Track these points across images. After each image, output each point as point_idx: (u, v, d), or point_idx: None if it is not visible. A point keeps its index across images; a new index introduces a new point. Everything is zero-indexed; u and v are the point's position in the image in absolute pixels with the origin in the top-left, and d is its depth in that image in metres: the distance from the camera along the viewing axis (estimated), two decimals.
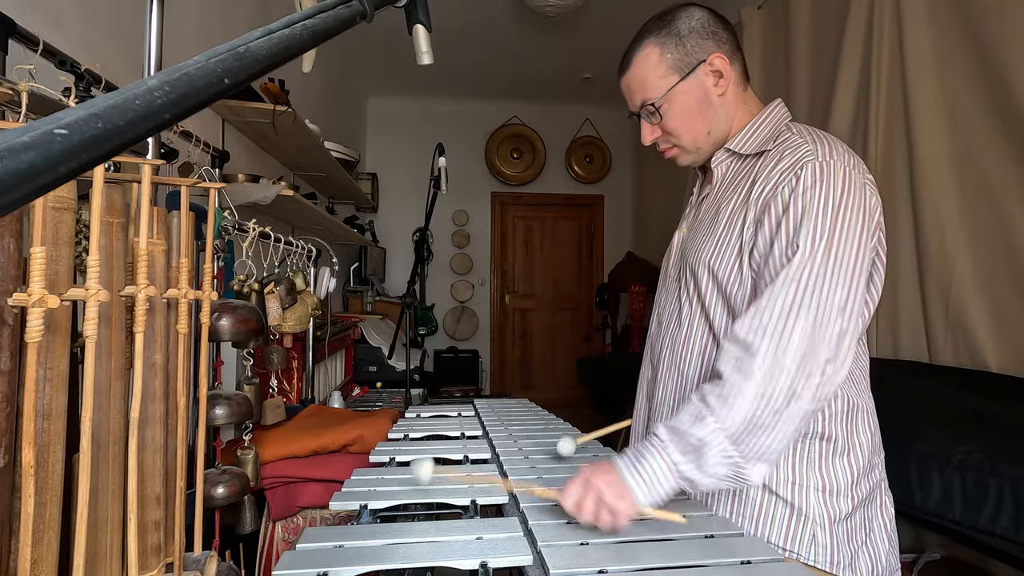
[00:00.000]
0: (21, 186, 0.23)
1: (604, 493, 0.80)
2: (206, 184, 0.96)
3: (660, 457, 0.81)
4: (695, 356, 1.01)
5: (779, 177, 0.89)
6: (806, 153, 0.88)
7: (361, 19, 0.47)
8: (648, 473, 0.81)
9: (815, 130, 0.96)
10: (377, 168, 5.47)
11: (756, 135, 1.00)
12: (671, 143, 1.04)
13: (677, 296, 1.06)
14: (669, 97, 0.98)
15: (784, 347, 0.78)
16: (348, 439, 1.69)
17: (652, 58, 0.99)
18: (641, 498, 0.80)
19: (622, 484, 0.81)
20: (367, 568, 0.69)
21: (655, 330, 1.13)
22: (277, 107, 2.04)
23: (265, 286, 1.58)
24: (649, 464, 0.81)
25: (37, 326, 0.59)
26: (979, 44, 2.15)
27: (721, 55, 0.98)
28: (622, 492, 0.80)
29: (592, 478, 0.82)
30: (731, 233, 0.95)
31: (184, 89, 0.31)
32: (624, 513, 0.80)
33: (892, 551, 0.96)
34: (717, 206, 1.01)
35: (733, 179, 1.01)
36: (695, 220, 1.08)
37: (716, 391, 0.81)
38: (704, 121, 1.00)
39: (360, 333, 3.44)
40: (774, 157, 0.93)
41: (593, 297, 5.92)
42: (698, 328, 1.00)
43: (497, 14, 4.06)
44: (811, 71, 3.03)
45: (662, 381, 1.07)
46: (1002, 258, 2.06)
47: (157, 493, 0.89)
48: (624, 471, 0.82)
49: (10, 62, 0.94)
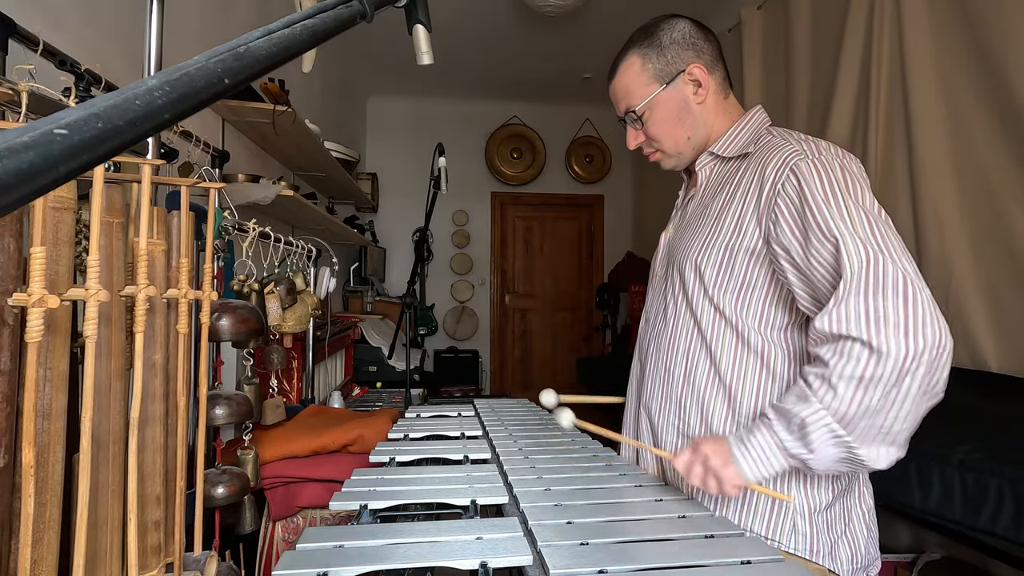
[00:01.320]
0: (21, 186, 0.23)
1: (711, 459, 0.85)
2: (206, 184, 0.96)
3: (767, 434, 0.84)
4: (680, 354, 1.04)
5: (775, 176, 0.91)
6: (793, 152, 0.91)
7: (361, 19, 0.47)
8: (754, 448, 0.84)
9: (794, 132, 0.99)
10: (377, 168, 5.47)
11: (737, 139, 1.04)
12: (654, 147, 1.10)
13: (663, 295, 1.10)
14: (651, 104, 1.05)
15: (872, 329, 0.76)
16: (348, 439, 1.69)
17: (635, 67, 1.05)
18: (746, 470, 0.84)
19: (728, 454, 0.85)
20: (367, 568, 0.69)
21: (643, 328, 1.17)
22: (277, 107, 2.04)
23: (265, 286, 1.58)
24: (756, 440, 0.84)
25: (37, 326, 0.59)
26: (979, 44, 2.15)
27: (700, 65, 1.03)
28: (727, 460, 0.85)
29: (701, 445, 0.88)
30: (718, 232, 0.98)
31: (184, 89, 0.31)
32: (728, 480, 0.84)
33: (871, 540, 0.98)
34: (703, 207, 1.05)
35: (717, 181, 1.05)
36: (681, 221, 1.12)
37: (818, 372, 0.81)
38: (684, 127, 1.06)
39: (360, 333, 3.44)
40: (759, 158, 0.96)
41: (593, 297, 5.92)
42: (683, 326, 1.04)
43: (497, 14, 4.06)
44: (811, 71, 3.03)
45: (649, 378, 1.10)
46: (1002, 258, 2.06)
47: (157, 493, 0.89)
48: (733, 445, 0.86)
49: (10, 62, 0.94)
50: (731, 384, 0.97)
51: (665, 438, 1.06)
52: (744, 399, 0.96)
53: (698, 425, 1.01)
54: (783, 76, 3.22)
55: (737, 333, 0.97)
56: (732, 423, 0.97)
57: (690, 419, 1.02)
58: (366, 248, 4.63)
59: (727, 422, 0.98)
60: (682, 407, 1.03)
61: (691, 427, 1.01)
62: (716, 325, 0.99)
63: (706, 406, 1.00)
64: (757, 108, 1.08)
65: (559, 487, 1.00)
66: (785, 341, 0.95)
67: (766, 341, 0.96)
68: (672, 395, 1.05)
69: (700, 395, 1.01)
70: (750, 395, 0.96)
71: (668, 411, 1.05)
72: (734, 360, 0.98)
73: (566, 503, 0.92)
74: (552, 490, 0.98)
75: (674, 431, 1.04)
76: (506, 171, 5.88)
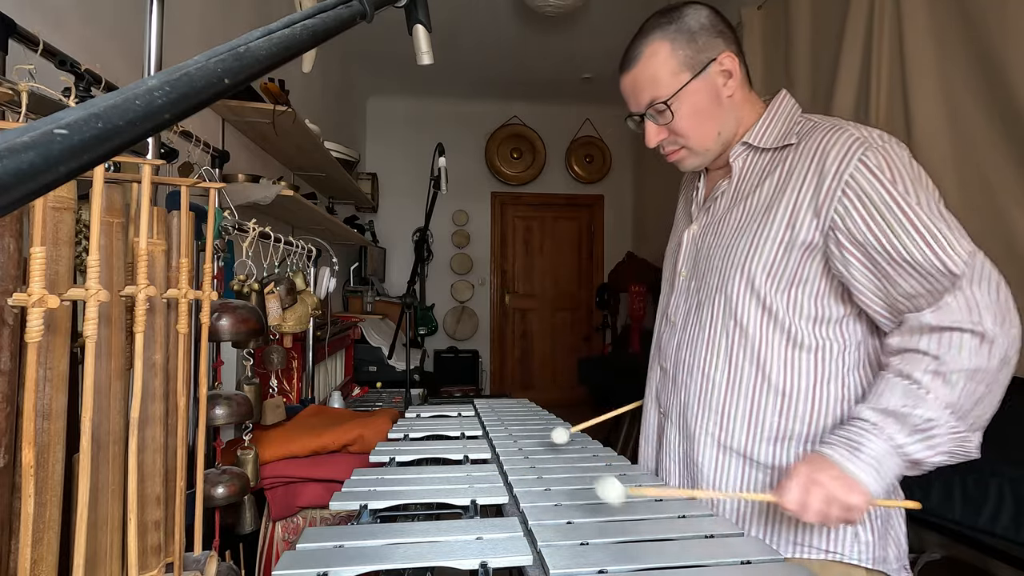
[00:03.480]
0: (21, 186, 0.23)
1: (834, 489, 0.77)
2: (206, 184, 0.96)
3: (879, 440, 0.78)
4: (721, 359, 0.96)
5: (840, 166, 0.85)
6: (855, 140, 0.86)
7: (361, 19, 0.47)
8: (873, 458, 0.78)
9: (834, 118, 0.94)
10: (377, 168, 5.47)
11: (772, 128, 0.98)
12: (678, 144, 1.00)
13: (694, 296, 1.03)
14: (680, 96, 0.94)
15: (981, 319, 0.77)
16: (348, 439, 1.69)
17: (662, 54, 0.95)
18: (873, 486, 0.77)
19: (849, 476, 0.77)
20: (367, 568, 0.69)
21: (666, 331, 1.09)
22: (277, 107, 2.04)
23: (265, 286, 1.58)
24: (870, 448, 0.78)
25: (37, 326, 0.59)
26: (979, 44, 2.15)
27: (731, 54, 0.96)
28: (851, 484, 0.77)
29: (815, 475, 0.78)
30: (767, 228, 0.92)
31: (184, 89, 0.31)
32: (859, 507, 0.77)
33: (905, 532, 0.96)
34: (741, 202, 0.98)
35: (756, 174, 0.98)
36: (711, 218, 1.03)
37: (926, 366, 0.78)
38: (714, 122, 0.97)
39: (360, 333, 3.44)
40: (810, 147, 0.90)
41: (593, 297, 5.92)
42: (723, 330, 0.97)
43: (497, 14, 4.06)
44: (811, 71, 3.03)
45: (681, 386, 1.02)
46: (1002, 258, 2.04)
47: (157, 493, 0.89)
48: (844, 462, 0.78)
49: (10, 62, 0.94)
50: (784, 388, 0.92)
51: (702, 451, 0.98)
52: (799, 404, 0.91)
53: (743, 435, 0.94)
54: (783, 76, 3.22)
55: (787, 334, 0.92)
56: (785, 431, 0.92)
57: (734, 429, 0.95)
58: (366, 248, 4.63)
59: (779, 430, 0.92)
60: (725, 416, 0.96)
61: (734, 438, 0.95)
62: (763, 327, 0.93)
63: (755, 414, 0.93)
64: (784, 94, 1.01)
65: (559, 487, 1.00)
66: (841, 336, 0.92)
67: (819, 338, 0.91)
68: (711, 404, 0.97)
69: (747, 403, 0.94)
70: (806, 398, 0.91)
71: (706, 421, 0.98)
72: (785, 363, 0.92)
73: (566, 503, 0.92)
74: (552, 490, 0.98)
75: (712, 443, 0.97)
76: (506, 171, 5.88)
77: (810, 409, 0.91)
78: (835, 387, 0.91)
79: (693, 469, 1.00)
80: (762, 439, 0.93)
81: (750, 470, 0.95)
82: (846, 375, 0.92)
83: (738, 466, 0.95)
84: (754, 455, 0.94)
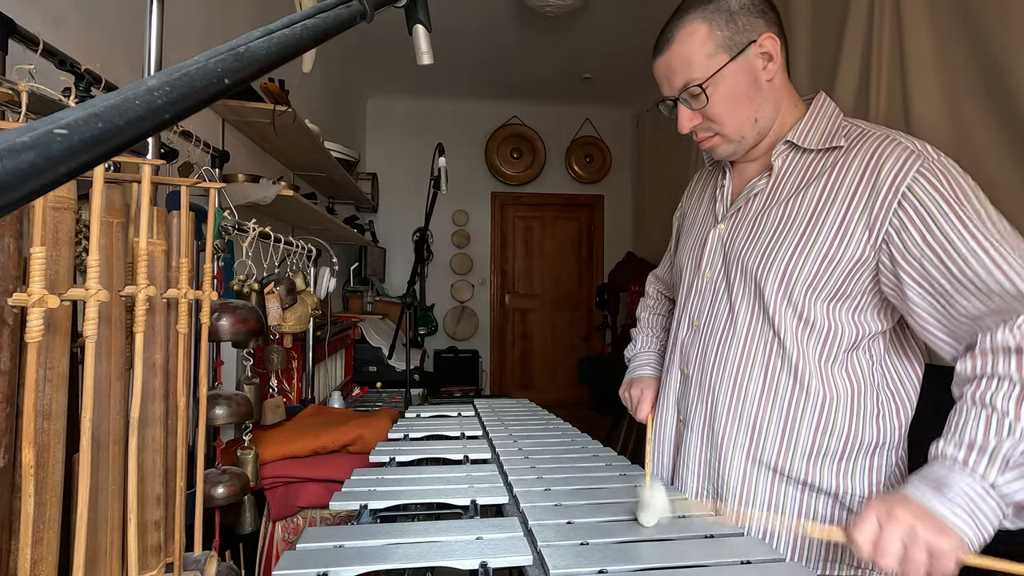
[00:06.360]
0: (21, 186, 0.23)
1: (917, 527, 0.67)
2: (206, 184, 0.96)
3: (969, 478, 0.69)
4: (756, 370, 0.92)
5: (896, 179, 0.81)
6: (911, 154, 0.82)
7: (361, 19, 0.47)
8: (964, 497, 0.68)
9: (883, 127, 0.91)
10: (377, 168, 5.47)
11: (816, 128, 0.93)
12: (712, 131, 0.95)
13: (724, 301, 0.98)
14: (716, 79, 0.89)
15: None
16: (348, 439, 1.69)
17: (699, 35, 0.90)
18: (968, 531, 0.67)
19: (936, 517, 0.68)
20: (367, 568, 0.69)
21: (687, 335, 1.04)
22: (277, 107, 2.04)
23: (265, 286, 1.58)
24: (960, 487, 0.69)
25: (37, 326, 0.59)
26: (979, 44, 2.15)
27: (772, 36, 0.90)
28: (939, 526, 0.67)
29: (895, 510, 0.69)
30: (814, 238, 0.87)
31: (184, 89, 0.31)
32: (949, 553, 0.66)
33: None
34: (781, 206, 0.92)
35: (798, 176, 0.92)
36: (742, 219, 0.98)
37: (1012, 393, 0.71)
38: (752, 107, 0.92)
39: (360, 333, 3.44)
40: (863, 155, 0.86)
41: (593, 297, 5.92)
42: (760, 339, 0.92)
43: (497, 14, 4.05)
44: (811, 71, 3.03)
45: (706, 392, 0.98)
46: None
47: (157, 493, 0.89)
48: (930, 501, 0.69)
49: (10, 62, 0.94)
50: (823, 402, 0.88)
51: (729, 463, 0.94)
52: (837, 419, 0.88)
53: (776, 449, 0.91)
54: None
55: (824, 347, 0.89)
56: (821, 447, 0.89)
57: (766, 443, 0.91)
58: (366, 248, 4.63)
59: (816, 445, 0.89)
60: (757, 430, 0.92)
61: (766, 452, 0.91)
62: (801, 339, 0.89)
63: (791, 428, 0.90)
64: (822, 95, 0.97)
65: (559, 487, 1.00)
66: (868, 352, 0.90)
67: (852, 353, 0.89)
68: (743, 416, 0.93)
69: (783, 416, 0.90)
70: (844, 413, 0.88)
71: (737, 433, 0.94)
72: (823, 376, 0.88)
73: (566, 503, 0.92)
74: (552, 490, 0.98)
75: (743, 456, 0.93)
76: (506, 171, 5.88)
77: (847, 425, 0.88)
78: (870, 402, 0.89)
79: (717, 481, 0.96)
80: (796, 454, 0.90)
81: (781, 484, 0.92)
82: (878, 391, 0.90)
83: (767, 480, 0.92)
84: (787, 470, 0.91)
